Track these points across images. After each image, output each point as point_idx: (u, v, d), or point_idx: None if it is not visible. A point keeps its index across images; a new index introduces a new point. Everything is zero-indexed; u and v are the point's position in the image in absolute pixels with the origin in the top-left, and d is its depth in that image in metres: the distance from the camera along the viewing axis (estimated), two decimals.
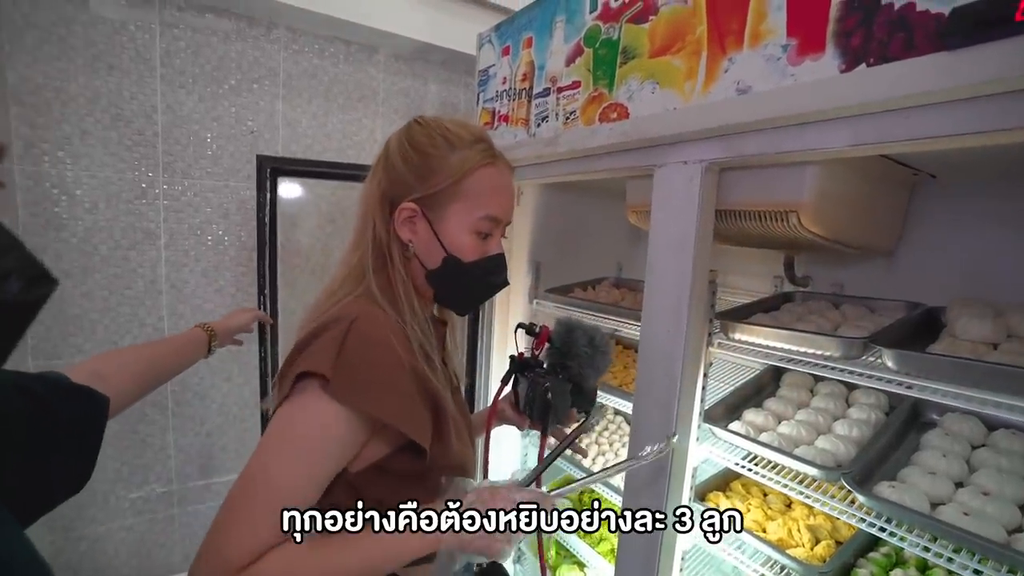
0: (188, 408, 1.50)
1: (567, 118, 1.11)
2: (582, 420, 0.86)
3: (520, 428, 0.90)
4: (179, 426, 1.50)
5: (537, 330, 0.83)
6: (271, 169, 1.19)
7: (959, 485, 0.83)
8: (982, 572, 0.69)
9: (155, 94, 1.34)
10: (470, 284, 0.73)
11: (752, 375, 1.30)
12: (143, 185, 1.37)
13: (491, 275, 0.74)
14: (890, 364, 0.82)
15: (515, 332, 0.87)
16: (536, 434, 0.83)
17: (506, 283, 0.78)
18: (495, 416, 0.86)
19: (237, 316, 1.07)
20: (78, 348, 1.34)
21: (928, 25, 0.56)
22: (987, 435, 0.94)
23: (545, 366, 0.82)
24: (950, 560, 0.72)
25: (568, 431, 0.85)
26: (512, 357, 0.85)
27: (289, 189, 1.54)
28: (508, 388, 0.87)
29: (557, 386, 0.79)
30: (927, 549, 0.75)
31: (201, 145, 1.41)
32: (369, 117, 1.62)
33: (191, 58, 1.36)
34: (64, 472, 0.60)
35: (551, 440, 0.83)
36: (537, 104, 1.19)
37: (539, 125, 1.19)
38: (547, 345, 0.82)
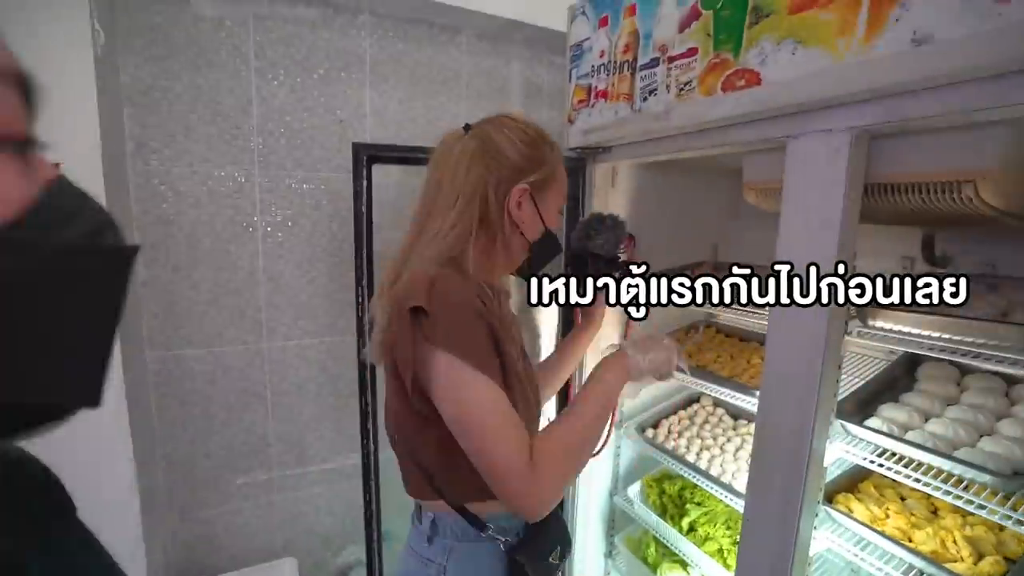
0: (286, 398, 1.54)
1: (681, 89, 1.02)
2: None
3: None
4: (278, 415, 1.54)
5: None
6: (368, 157, 1.17)
7: None
8: None
9: (250, 87, 1.36)
10: (553, 251, 0.90)
11: (879, 366, 1.18)
12: (241, 179, 1.40)
13: (559, 243, 0.92)
14: None
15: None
16: None
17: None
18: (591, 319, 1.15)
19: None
20: (187, 339, 1.40)
21: None
22: None
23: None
24: None
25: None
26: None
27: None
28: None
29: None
30: None
31: (293, 136, 1.42)
32: (453, 101, 1.58)
33: (282, 49, 1.37)
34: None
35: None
36: (643, 76, 1.11)
37: (645, 99, 1.11)
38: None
